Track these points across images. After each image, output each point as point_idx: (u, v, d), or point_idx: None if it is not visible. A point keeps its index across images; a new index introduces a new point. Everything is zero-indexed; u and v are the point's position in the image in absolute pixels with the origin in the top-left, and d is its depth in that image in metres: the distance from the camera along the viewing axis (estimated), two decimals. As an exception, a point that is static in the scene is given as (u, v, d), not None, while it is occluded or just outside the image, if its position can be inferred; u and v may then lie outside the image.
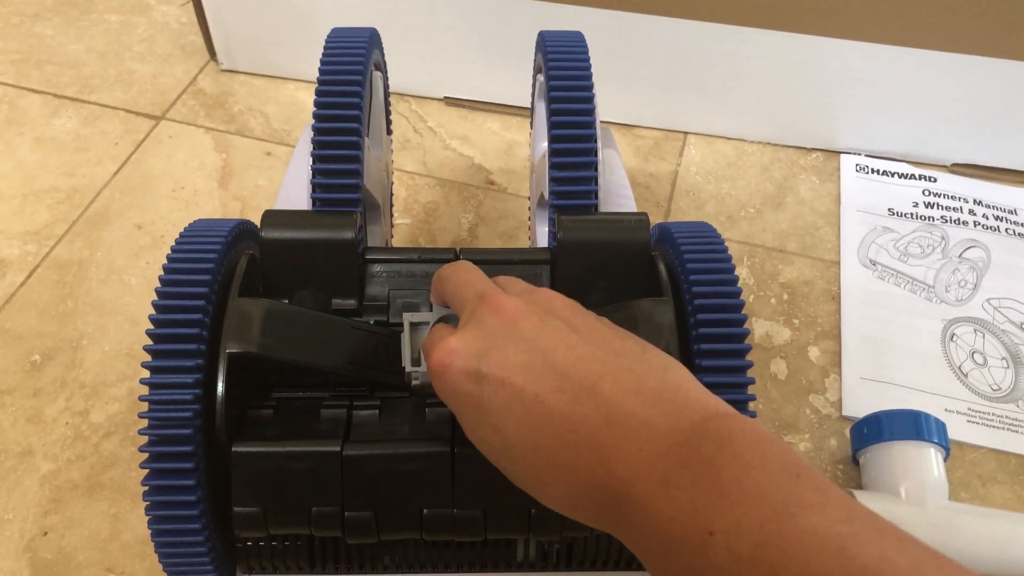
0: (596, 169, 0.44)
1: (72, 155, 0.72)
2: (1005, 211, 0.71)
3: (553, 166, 0.44)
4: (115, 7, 0.86)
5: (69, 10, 0.85)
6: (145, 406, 0.35)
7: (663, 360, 0.29)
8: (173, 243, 0.39)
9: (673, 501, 0.25)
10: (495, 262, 0.44)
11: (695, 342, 0.38)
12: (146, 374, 0.36)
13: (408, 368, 0.38)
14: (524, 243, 0.67)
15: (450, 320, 0.41)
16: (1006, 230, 0.69)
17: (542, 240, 0.52)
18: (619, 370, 0.28)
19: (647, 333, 0.38)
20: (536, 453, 0.28)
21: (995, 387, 0.60)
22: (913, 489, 0.50)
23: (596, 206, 0.44)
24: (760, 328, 0.63)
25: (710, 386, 0.36)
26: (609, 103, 0.75)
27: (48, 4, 0.86)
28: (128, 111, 0.76)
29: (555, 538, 0.39)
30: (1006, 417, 0.58)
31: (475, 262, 0.43)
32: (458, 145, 0.75)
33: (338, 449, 0.37)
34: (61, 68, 0.80)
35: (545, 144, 0.47)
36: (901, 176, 0.73)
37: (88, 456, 0.55)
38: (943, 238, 0.69)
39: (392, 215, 0.63)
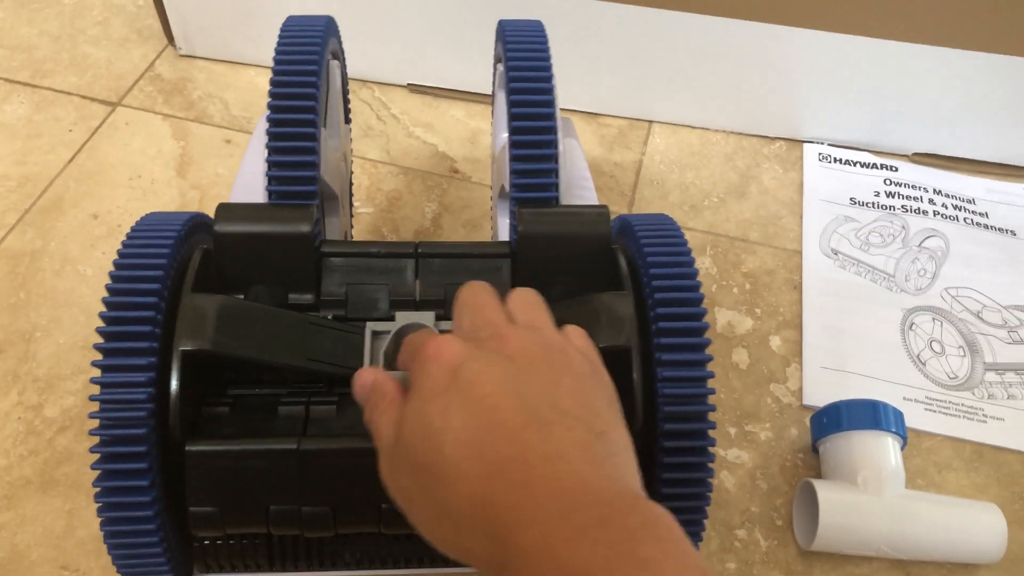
0: (556, 162, 0.44)
1: (24, 142, 0.71)
2: (963, 200, 0.72)
3: (514, 158, 0.43)
4: (69, -11, 0.83)
5: (21, -9, 0.83)
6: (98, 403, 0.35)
7: (623, 444, 0.30)
8: (124, 238, 0.38)
9: (586, 554, 0.24)
10: (455, 255, 0.43)
11: (655, 336, 0.38)
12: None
13: None
14: (489, 233, 0.67)
15: (410, 332, 0.40)
16: (964, 219, 0.70)
17: (503, 232, 0.52)
18: (577, 427, 0.29)
19: (608, 326, 0.38)
20: (467, 446, 0.28)
21: (952, 375, 0.60)
22: (871, 478, 0.51)
23: (557, 199, 0.44)
24: (723, 317, 0.63)
25: (670, 379, 0.37)
26: (574, 91, 0.75)
27: (-1, -15, 0.83)
28: (83, 97, 0.74)
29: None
30: (962, 405, 0.59)
31: (435, 256, 0.43)
32: (422, 133, 0.74)
33: (295, 447, 0.36)
34: (12, 52, 0.77)
35: (506, 135, 0.47)
36: (863, 165, 0.74)
37: (41, 451, 0.54)
38: (903, 227, 0.69)
39: (352, 205, 0.62)
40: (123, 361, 0.35)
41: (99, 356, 0.35)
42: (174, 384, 0.35)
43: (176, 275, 0.38)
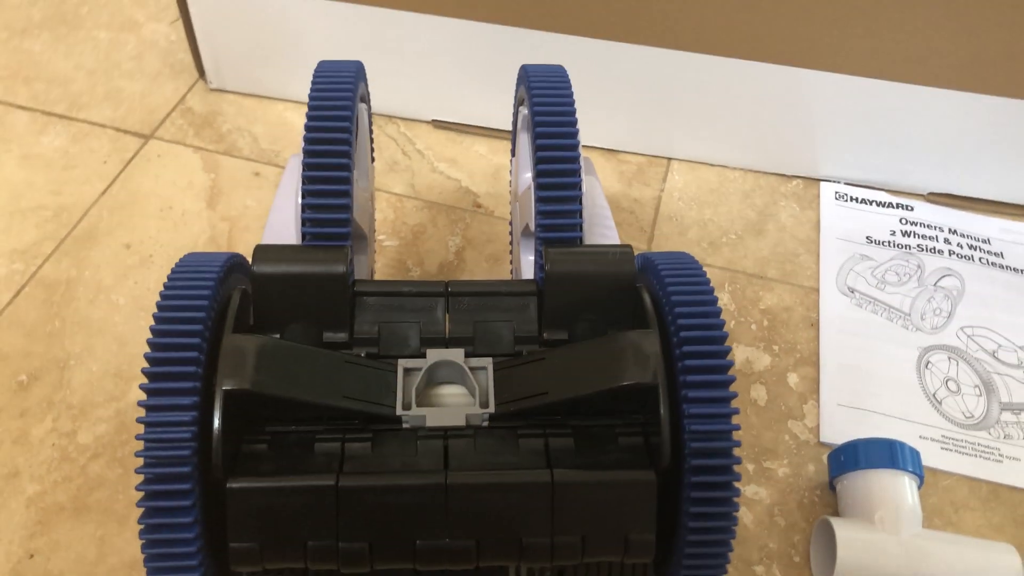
0: (581, 203, 0.45)
1: (60, 173, 0.73)
2: (979, 240, 0.72)
3: (540, 200, 0.45)
4: (104, 24, 0.86)
5: (58, 26, 0.85)
6: (136, 428, 0.36)
7: None
8: (165, 280, 0.40)
9: None
10: (484, 294, 0.45)
11: (681, 373, 0.39)
12: (136, 394, 0.36)
13: (399, 412, 0.39)
14: (509, 267, 0.68)
15: (441, 369, 0.42)
16: (979, 259, 0.71)
17: (527, 268, 0.53)
18: None
19: (635, 364, 0.39)
20: None
21: (968, 415, 0.61)
22: (888, 517, 0.51)
23: (581, 238, 0.45)
24: (741, 354, 0.64)
25: (698, 416, 0.38)
26: (593, 129, 0.76)
27: (36, 20, 0.86)
28: (117, 129, 0.77)
29: (546, 565, 0.40)
30: (979, 444, 0.60)
31: (464, 295, 0.44)
32: (446, 168, 0.76)
33: (333, 483, 0.37)
34: (49, 85, 0.80)
35: (529, 175, 0.48)
36: (879, 204, 0.75)
37: (75, 478, 0.55)
38: (919, 266, 0.70)
39: (375, 241, 0.64)
40: (167, 401, 0.36)
41: (141, 403, 0.36)
42: (216, 423, 0.36)
43: (216, 316, 0.40)
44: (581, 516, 0.39)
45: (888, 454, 0.53)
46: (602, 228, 0.54)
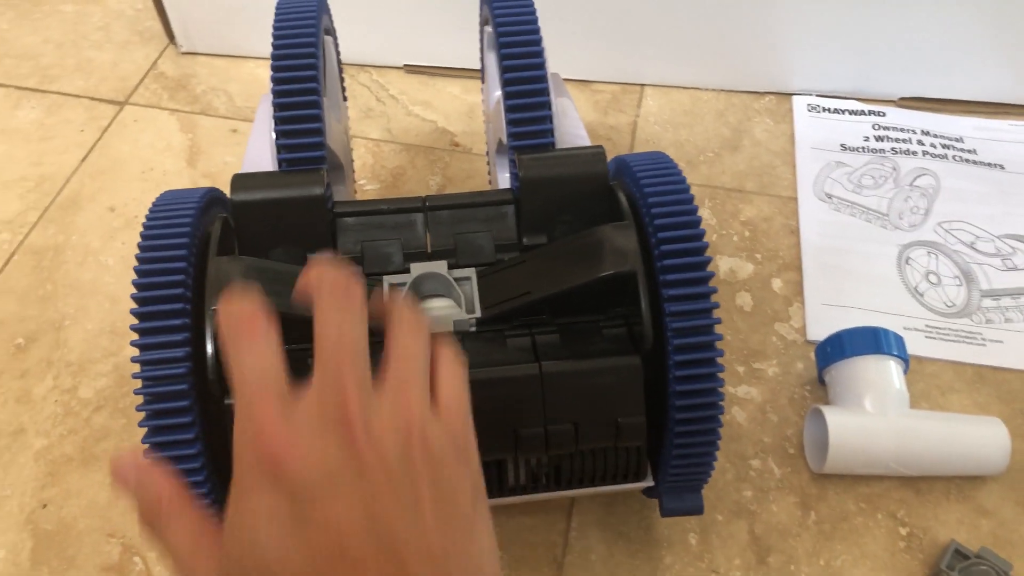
0: (550, 108, 0.45)
1: (38, 144, 0.73)
2: (951, 139, 0.73)
3: (508, 108, 0.45)
4: (68, -3, 0.86)
5: (21, 3, 0.85)
6: (136, 380, 0.36)
7: (481, 549, 0.28)
8: (147, 214, 0.40)
9: None
10: (462, 206, 0.45)
11: (659, 259, 0.40)
12: (132, 350, 0.37)
13: None
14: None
15: (425, 282, 0.42)
16: (953, 157, 0.72)
17: (503, 186, 0.54)
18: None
19: (612, 255, 0.40)
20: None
21: (949, 304, 0.62)
22: (876, 400, 0.53)
23: (553, 144, 0.46)
24: (724, 264, 0.65)
25: (676, 298, 0.38)
26: (567, 60, 0.77)
27: (0, -2, 0.86)
28: (91, 98, 0.77)
29: (542, 456, 0.41)
30: (961, 331, 0.61)
31: (443, 208, 0.45)
32: (421, 111, 0.76)
33: None
34: (19, 60, 0.80)
35: (498, 93, 0.49)
36: (851, 112, 0.76)
37: (80, 430, 0.56)
38: (894, 168, 0.71)
39: (354, 181, 0.64)
40: (160, 323, 0.37)
41: (133, 327, 0.37)
42: (209, 341, 0.37)
43: (200, 245, 0.41)
44: (571, 404, 0.40)
45: (873, 340, 0.54)
46: (575, 139, 0.54)
